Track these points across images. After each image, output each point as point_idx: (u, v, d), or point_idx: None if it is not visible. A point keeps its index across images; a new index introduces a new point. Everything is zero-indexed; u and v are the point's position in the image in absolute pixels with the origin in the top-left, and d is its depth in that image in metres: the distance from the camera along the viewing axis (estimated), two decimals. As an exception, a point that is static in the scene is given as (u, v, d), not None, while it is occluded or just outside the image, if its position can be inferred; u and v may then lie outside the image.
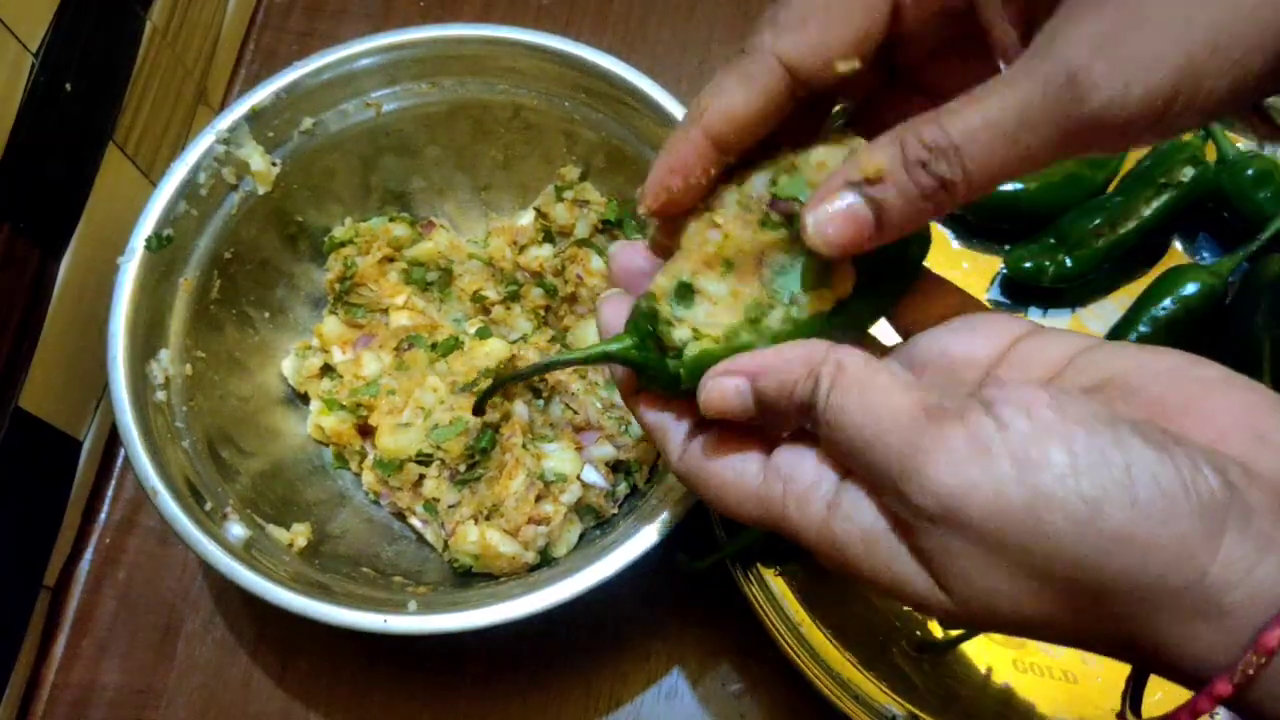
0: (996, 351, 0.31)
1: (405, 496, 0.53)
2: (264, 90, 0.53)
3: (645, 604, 0.55)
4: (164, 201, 0.51)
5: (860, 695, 0.50)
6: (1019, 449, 0.25)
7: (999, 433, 0.25)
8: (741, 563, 0.52)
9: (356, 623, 0.44)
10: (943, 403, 0.26)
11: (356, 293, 0.57)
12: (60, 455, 0.56)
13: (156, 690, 0.55)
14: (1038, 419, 0.25)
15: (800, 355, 0.29)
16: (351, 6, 0.72)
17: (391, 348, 0.56)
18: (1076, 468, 0.24)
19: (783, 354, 0.29)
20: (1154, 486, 0.24)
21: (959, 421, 0.26)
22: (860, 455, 0.27)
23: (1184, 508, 0.24)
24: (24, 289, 0.51)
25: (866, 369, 0.28)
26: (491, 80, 0.55)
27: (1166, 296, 0.56)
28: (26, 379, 0.51)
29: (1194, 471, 0.24)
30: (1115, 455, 0.24)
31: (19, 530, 0.53)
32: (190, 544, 0.45)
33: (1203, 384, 0.27)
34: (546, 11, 0.71)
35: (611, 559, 0.45)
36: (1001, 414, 0.25)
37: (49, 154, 0.52)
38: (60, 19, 0.52)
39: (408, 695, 0.54)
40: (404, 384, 0.54)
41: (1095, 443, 0.25)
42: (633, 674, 0.54)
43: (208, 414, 0.52)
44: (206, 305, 0.53)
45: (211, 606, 0.56)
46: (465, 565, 0.51)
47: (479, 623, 0.44)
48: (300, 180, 0.56)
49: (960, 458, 0.25)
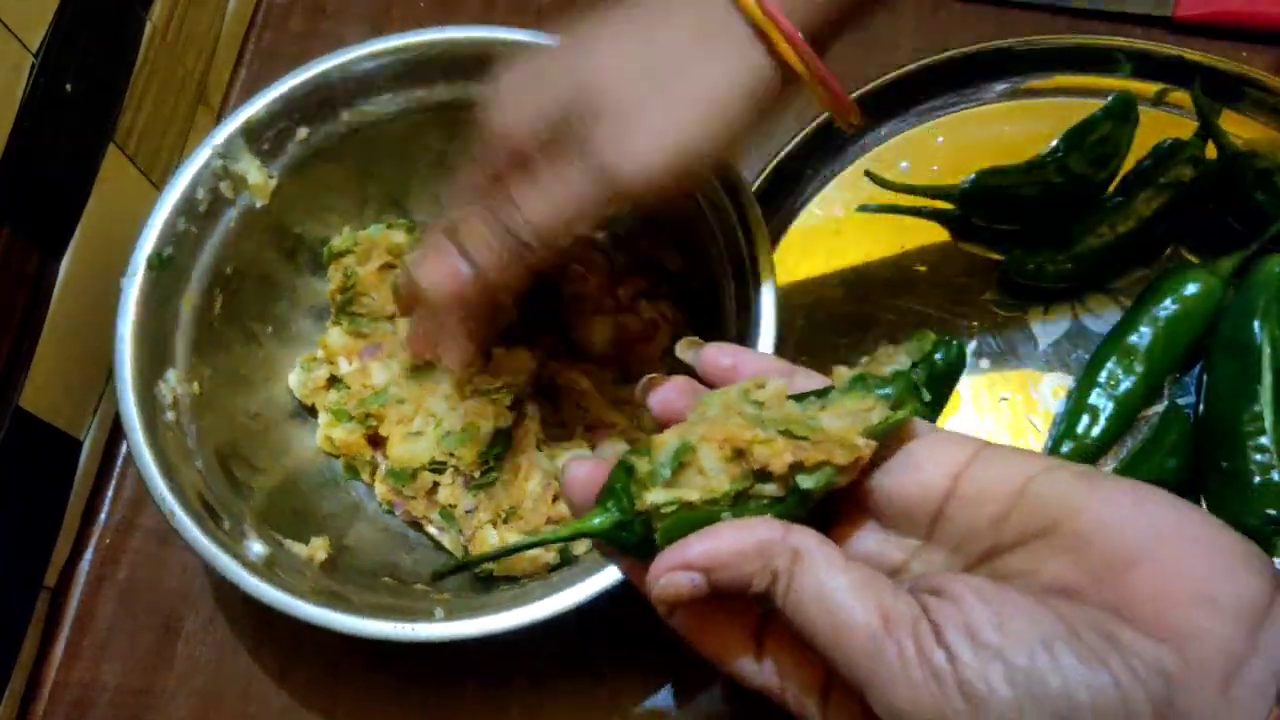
0: (944, 485, 0.30)
1: (420, 505, 0.53)
2: (257, 103, 0.53)
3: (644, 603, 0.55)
4: (163, 219, 0.51)
5: (860, 695, 0.50)
6: (967, 684, 0.25)
7: (949, 665, 0.26)
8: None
9: (385, 633, 0.44)
10: (900, 612, 0.27)
11: (359, 302, 0.57)
12: (60, 455, 0.56)
13: (156, 690, 0.55)
14: (981, 644, 0.26)
15: (754, 545, 0.28)
16: (352, 7, 0.72)
17: (404, 358, 0.56)
18: (1020, 702, 0.25)
19: (738, 540, 0.29)
20: (1089, 712, 0.25)
21: (913, 643, 0.26)
22: (821, 652, 0.28)
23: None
24: (24, 289, 0.51)
25: (823, 565, 0.28)
26: (484, 80, 0.55)
27: (1166, 296, 0.56)
28: (26, 379, 0.51)
29: (1131, 683, 0.25)
30: (1054, 681, 0.25)
31: (19, 530, 0.53)
32: (216, 566, 0.45)
33: (1155, 534, 0.27)
34: (547, 12, 0.71)
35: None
36: (949, 641, 0.26)
37: (49, 154, 0.52)
38: (60, 19, 0.52)
39: (407, 695, 0.54)
40: (413, 393, 0.54)
41: (1036, 668, 0.25)
42: (632, 674, 0.54)
43: (218, 432, 0.51)
44: (210, 322, 0.53)
45: (211, 606, 0.56)
46: (486, 570, 0.51)
47: (507, 625, 0.44)
48: (297, 192, 0.56)
49: (917, 688, 0.26)
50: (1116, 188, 0.60)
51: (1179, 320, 0.55)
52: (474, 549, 0.51)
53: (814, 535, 0.29)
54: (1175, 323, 0.55)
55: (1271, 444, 0.50)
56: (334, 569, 0.50)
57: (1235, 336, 0.54)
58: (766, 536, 0.28)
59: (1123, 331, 0.56)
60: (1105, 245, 0.58)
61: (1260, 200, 0.57)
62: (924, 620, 0.27)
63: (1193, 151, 0.58)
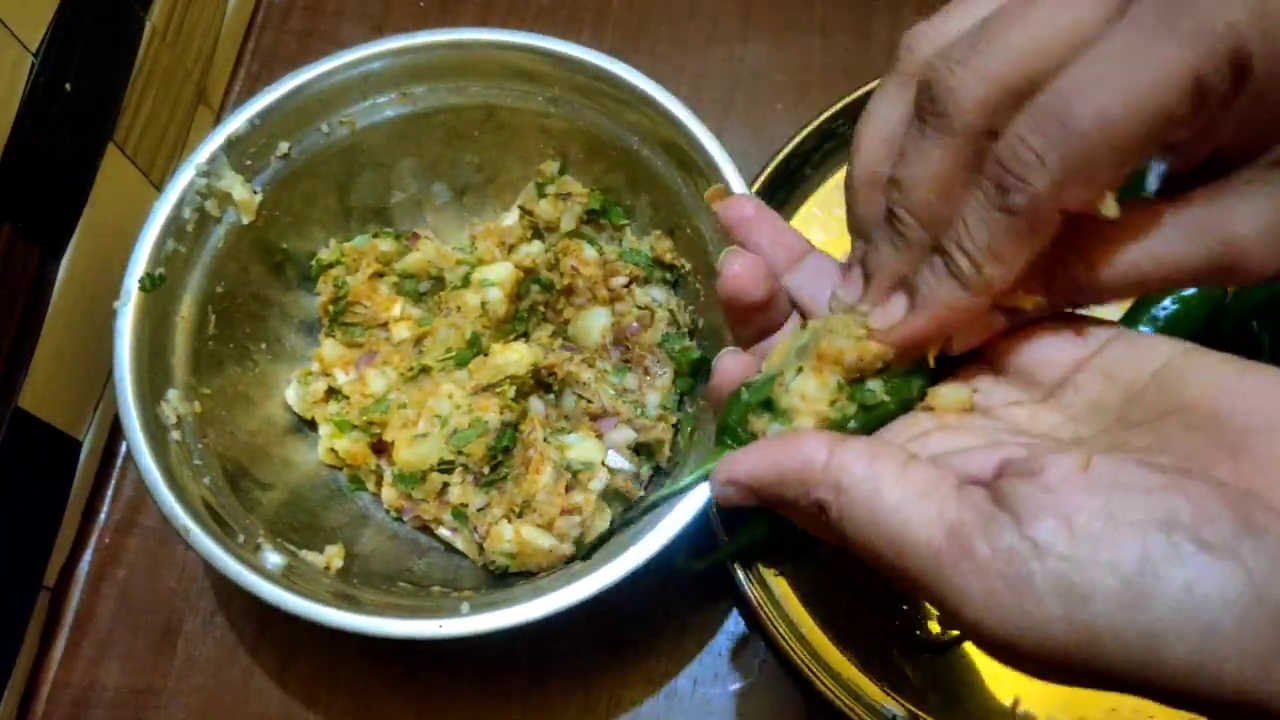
0: (1077, 355, 0.28)
1: (431, 508, 0.53)
2: (238, 118, 0.53)
3: (645, 604, 0.55)
4: (152, 240, 0.51)
5: (860, 695, 0.50)
6: (1061, 579, 0.22)
7: (1036, 560, 0.22)
8: (742, 563, 0.52)
9: (412, 632, 0.44)
10: (963, 518, 0.24)
11: (351, 311, 0.57)
12: (60, 455, 0.56)
13: (156, 690, 0.55)
14: (1081, 534, 0.22)
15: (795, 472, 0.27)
16: (352, 6, 0.72)
17: (399, 363, 0.56)
18: (1130, 597, 0.22)
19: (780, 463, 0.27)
20: (1221, 607, 0.21)
21: (987, 545, 0.23)
22: (888, 575, 0.25)
23: (1256, 621, 0.21)
24: (24, 289, 0.51)
25: (870, 485, 0.25)
26: (462, 84, 0.56)
27: (1166, 296, 0.56)
28: (26, 379, 0.51)
29: (1270, 573, 0.21)
30: (1174, 573, 0.21)
31: (19, 530, 0.53)
32: (232, 577, 0.45)
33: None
34: (546, 12, 0.71)
35: (656, 534, 0.45)
36: (1037, 533, 0.23)
37: (49, 154, 0.52)
38: (60, 19, 0.52)
39: (407, 695, 0.54)
40: (414, 396, 0.54)
41: (1150, 560, 0.22)
42: (633, 674, 0.54)
43: (222, 449, 0.52)
44: (205, 342, 0.53)
45: (211, 606, 0.56)
46: (502, 566, 0.51)
47: (534, 615, 0.44)
48: (281, 208, 0.56)
49: (996, 595, 0.23)
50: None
51: (1178, 320, 0.55)
52: (489, 546, 0.51)
53: (863, 453, 0.26)
54: (1175, 323, 0.55)
55: (1271, 444, 0.50)
56: (349, 575, 0.50)
57: (1235, 336, 0.54)
58: (805, 462, 0.27)
59: (1122, 331, 0.56)
60: (1105, 245, 0.58)
61: (1260, 200, 0.57)
62: (999, 518, 0.23)
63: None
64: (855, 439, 0.27)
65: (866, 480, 0.25)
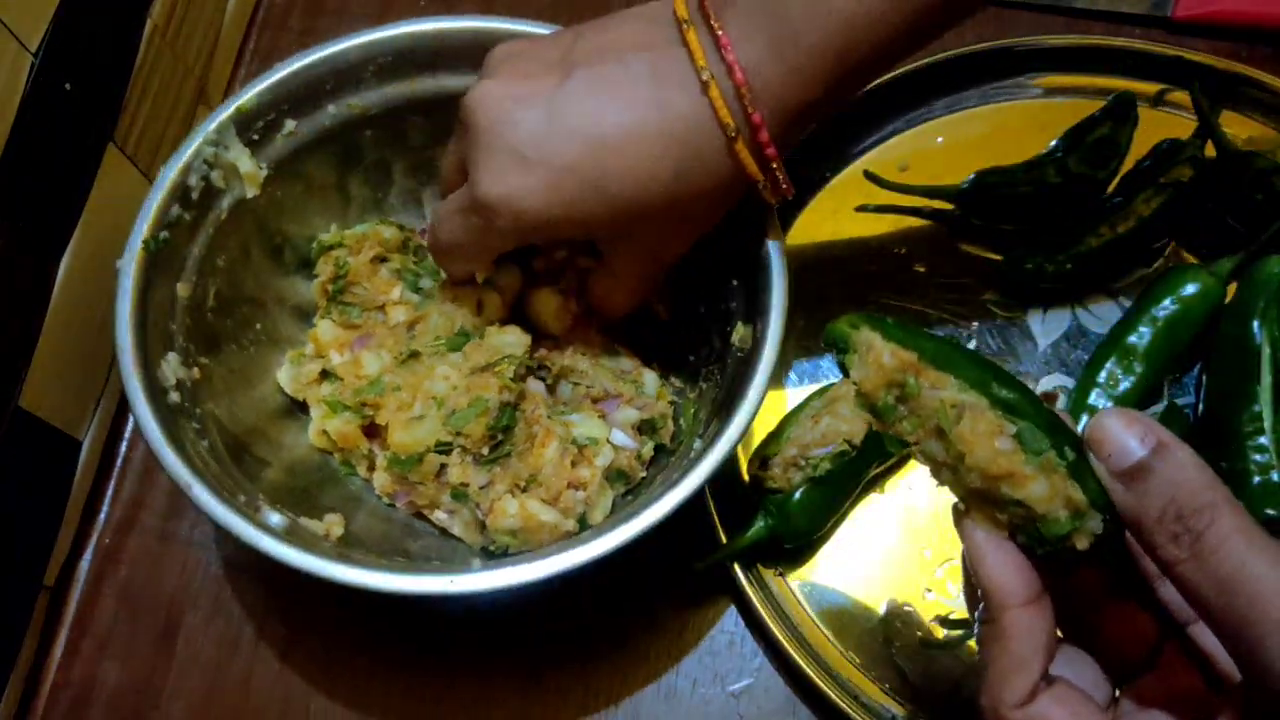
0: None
1: (429, 490, 0.52)
2: (248, 92, 0.53)
3: (645, 603, 0.55)
4: (157, 205, 0.51)
5: (860, 695, 0.50)
6: None
7: None
8: (741, 563, 0.52)
9: (423, 589, 0.44)
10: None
11: (350, 292, 0.57)
12: (60, 455, 0.56)
13: (156, 689, 0.55)
14: None
15: (1203, 481, 0.28)
16: (352, 5, 0.72)
17: (393, 346, 0.56)
18: None
19: (1185, 469, 0.28)
20: None
21: None
22: (1219, 617, 0.27)
23: None
24: (24, 289, 0.51)
25: (1247, 529, 0.27)
26: (466, 73, 0.55)
27: (1166, 296, 0.56)
28: (26, 379, 0.51)
29: None
30: None
31: (19, 530, 0.53)
32: (235, 532, 0.44)
33: None
34: (546, 11, 0.71)
35: (667, 499, 0.44)
36: None
37: (49, 154, 0.52)
38: (60, 19, 0.52)
39: (407, 693, 0.54)
40: (409, 379, 0.54)
41: None
42: (632, 674, 0.54)
43: (220, 423, 0.51)
44: (205, 314, 0.53)
45: (211, 605, 0.56)
46: (503, 546, 0.51)
47: (551, 570, 0.44)
48: (284, 190, 0.56)
49: None
50: (1116, 188, 0.60)
51: (1178, 320, 0.56)
52: (492, 523, 0.50)
53: (1238, 504, 0.28)
54: (1174, 323, 0.55)
55: (1271, 444, 0.50)
56: (348, 544, 0.50)
57: (1234, 337, 0.54)
58: (1207, 483, 0.28)
59: (1122, 332, 0.56)
60: (1105, 245, 0.58)
61: (1259, 200, 0.57)
62: None
63: (1192, 151, 0.58)
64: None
65: (1244, 524, 0.27)
